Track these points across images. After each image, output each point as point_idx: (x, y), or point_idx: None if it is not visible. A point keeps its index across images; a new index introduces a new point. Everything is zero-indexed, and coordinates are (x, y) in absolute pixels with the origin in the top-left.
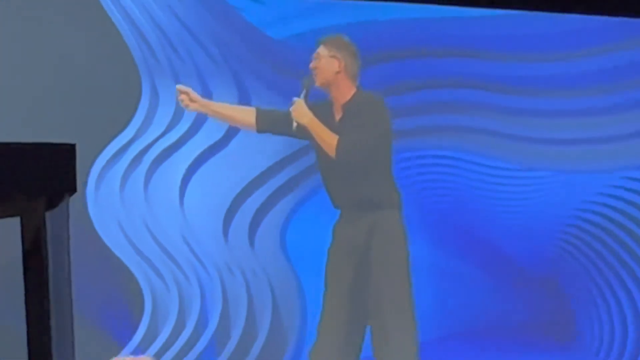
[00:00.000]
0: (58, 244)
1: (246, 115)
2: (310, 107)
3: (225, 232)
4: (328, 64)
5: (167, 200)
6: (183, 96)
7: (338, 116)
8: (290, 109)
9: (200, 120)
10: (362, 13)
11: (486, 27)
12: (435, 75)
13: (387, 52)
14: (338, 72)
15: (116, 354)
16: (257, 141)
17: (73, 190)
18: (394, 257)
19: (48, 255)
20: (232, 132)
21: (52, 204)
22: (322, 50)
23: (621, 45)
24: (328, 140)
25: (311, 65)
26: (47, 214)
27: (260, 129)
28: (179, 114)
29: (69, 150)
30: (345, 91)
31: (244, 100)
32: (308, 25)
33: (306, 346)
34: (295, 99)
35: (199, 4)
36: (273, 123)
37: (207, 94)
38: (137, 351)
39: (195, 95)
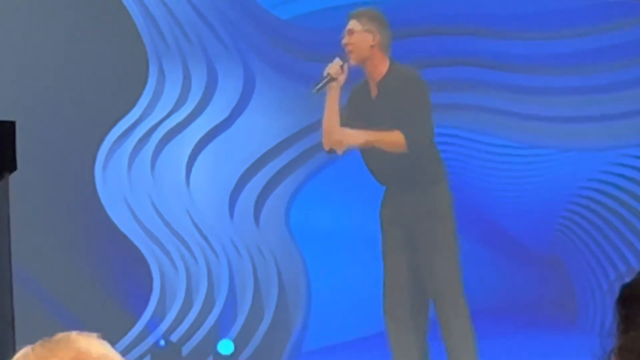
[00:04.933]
0: None
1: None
2: (349, 95)
3: (231, 211)
4: (362, 38)
5: (174, 180)
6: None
7: (374, 92)
8: (339, 139)
9: (205, 101)
10: None
11: (494, 6)
12: (442, 53)
13: (394, 30)
14: (373, 46)
15: (131, 327)
16: (262, 121)
17: (13, 168)
18: (443, 235)
19: None
20: (236, 112)
21: None
22: (354, 24)
23: (626, 23)
24: (393, 139)
25: (344, 41)
26: None
27: None
28: (184, 94)
29: (8, 127)
30: (379, 65)
31: (249, 80)
32: (314, 5)
33: (312, 324)
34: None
35: None
36: None
37: (213, 74)
38: (150, 325)
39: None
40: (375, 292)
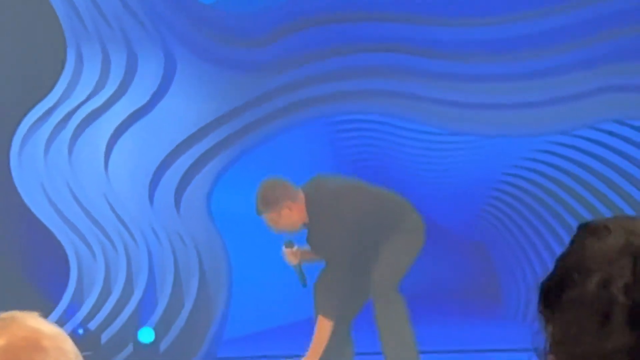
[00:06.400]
0: None
1: None
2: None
3: (151, 198)
4: (284, 218)
5: (92, 165)
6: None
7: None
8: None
9: (125, 85)
10: None
11: None
12: (361, 39)
13: (313, 17)
14: (290, 208)
15: (47, 315)
16: (182, 106)
17: None
18: (393, 241)
19: None
20: (157, 97)
21: None
22: (268, 218)
23: (549, 10)
24: (324, 334)
25: (276, 231)
26: None
27: None
28: (103, 79)
29: None
30: (301, 212)
31: (169, 64)
32: None
33: (233, 312)
34: None
35: None
36: None
37: (132, 59)
38: (67, 314)
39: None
40: (296, 279)
